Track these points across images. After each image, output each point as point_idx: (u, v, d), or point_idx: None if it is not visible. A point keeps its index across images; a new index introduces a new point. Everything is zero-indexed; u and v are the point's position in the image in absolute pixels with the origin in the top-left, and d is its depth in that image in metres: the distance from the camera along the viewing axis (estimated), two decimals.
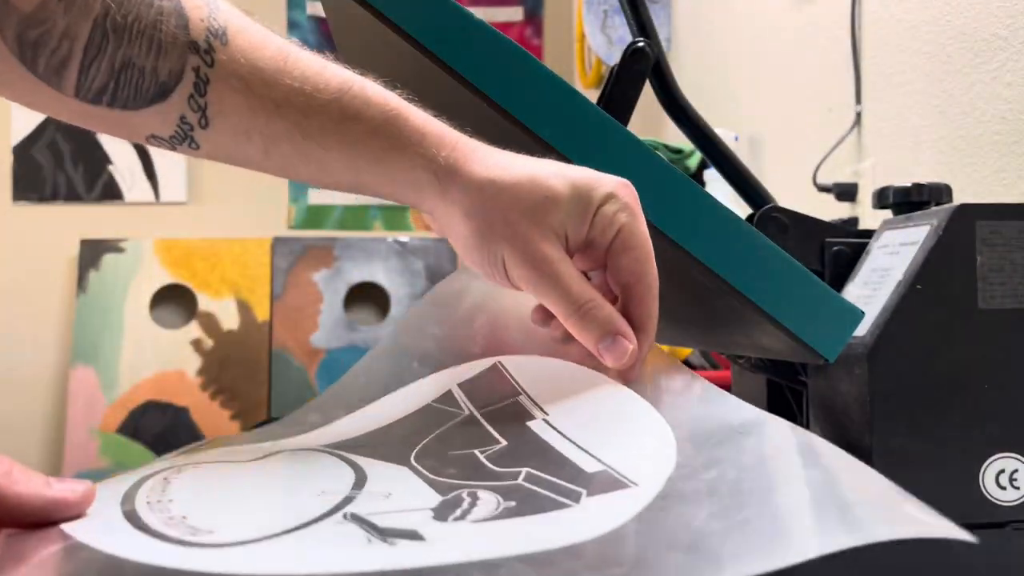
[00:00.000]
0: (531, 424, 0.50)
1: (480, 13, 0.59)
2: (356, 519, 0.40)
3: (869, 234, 0.69)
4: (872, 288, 0.63)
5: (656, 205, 0.51)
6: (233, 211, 2.88)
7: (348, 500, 0.42)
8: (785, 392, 0.71)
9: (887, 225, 0.68)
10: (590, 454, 0.45)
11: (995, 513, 0.59)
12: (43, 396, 2.78)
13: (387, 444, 0.52)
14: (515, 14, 3.09)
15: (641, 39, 0.62)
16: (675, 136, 0.88)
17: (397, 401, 0.58)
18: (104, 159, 2.85)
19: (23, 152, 2.82)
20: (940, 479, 0.59)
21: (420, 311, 0.65)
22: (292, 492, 0.46)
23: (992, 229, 0.60)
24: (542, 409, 0.51)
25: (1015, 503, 0.59)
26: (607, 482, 0.42)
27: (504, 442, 0.49)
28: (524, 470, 0.45)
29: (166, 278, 2.74)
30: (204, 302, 2.74)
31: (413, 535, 0.37)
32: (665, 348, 0.99)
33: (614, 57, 0.63)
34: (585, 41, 2.46)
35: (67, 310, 2.79)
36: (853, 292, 0.65)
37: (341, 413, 0.59)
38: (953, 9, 1.06)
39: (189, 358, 2.69)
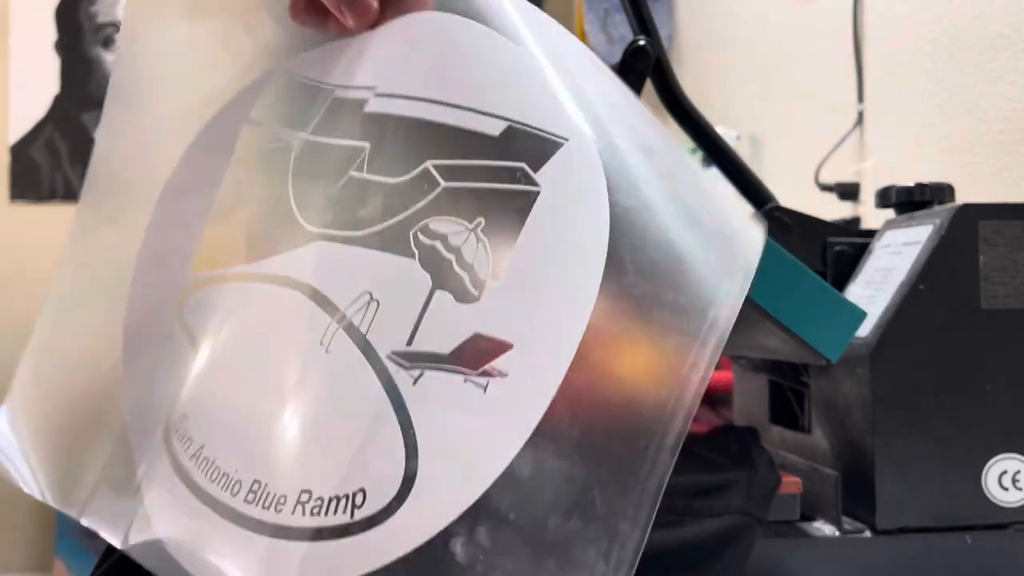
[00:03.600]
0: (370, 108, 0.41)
1: None
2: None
3: (871, 234, 0.69)
4: (874, 288, 0.62)
5: None
6: None
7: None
8: (787, 392, 0.70)
9: (889, 225, 0.67)
10: (481, 112, 0.37)
11: (997, 514, 0.58)
12: None
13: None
14: None
15: (642, 37, 0.62)
16: (676, 135, 0.88)
17: None
18: None
19: (21, 151, 2.82)
20: (942, 480, 0.58)
21: None
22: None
23: (994, 229, 0.59)
24: (364, 87, 0.41)
25: (1017, 504, 0.59)
26: (529, 141, 0.35)
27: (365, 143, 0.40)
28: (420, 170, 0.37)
29: None
30: None
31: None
32: None
33: (615, 55, 0.63)
34: (586, 39, 2.45)
35: None
36: (855, 292, 0.65)
37: None
38: (955, 8, 1.05)
39: None
